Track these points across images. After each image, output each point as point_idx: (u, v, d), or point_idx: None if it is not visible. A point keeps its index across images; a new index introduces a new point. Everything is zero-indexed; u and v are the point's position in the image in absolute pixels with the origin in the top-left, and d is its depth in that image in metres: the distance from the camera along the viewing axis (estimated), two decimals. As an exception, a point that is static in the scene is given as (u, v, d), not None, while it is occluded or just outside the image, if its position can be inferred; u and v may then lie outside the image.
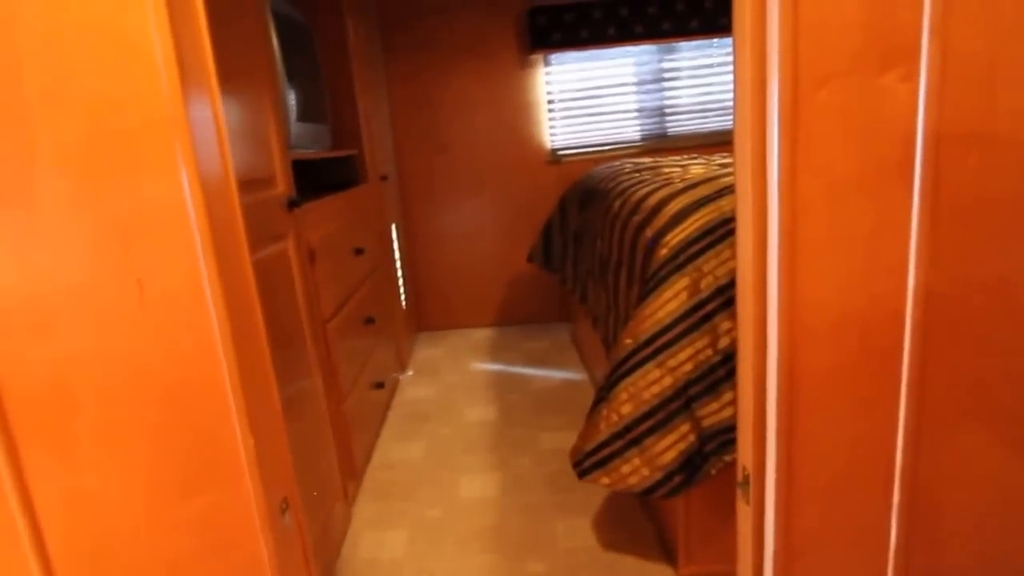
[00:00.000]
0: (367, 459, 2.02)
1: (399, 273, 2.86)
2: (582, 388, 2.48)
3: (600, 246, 1.96)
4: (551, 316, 3.36)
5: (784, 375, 0.77)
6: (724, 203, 1.30)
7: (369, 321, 2.11)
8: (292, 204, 1.41)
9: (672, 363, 1.21)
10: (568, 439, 2.08)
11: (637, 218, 1.56)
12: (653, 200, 1.53)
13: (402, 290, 2.90)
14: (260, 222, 1.26)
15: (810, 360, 0.77)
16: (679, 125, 3.20)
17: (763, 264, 0.76)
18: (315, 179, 2.37)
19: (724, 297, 1.20)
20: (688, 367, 1.21)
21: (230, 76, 1.16)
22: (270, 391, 0.86)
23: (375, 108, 2.65)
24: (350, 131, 2.38)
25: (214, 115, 0.73)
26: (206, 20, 0.71)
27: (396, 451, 2.10)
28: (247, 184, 1.21)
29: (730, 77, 1.28)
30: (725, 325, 1.19)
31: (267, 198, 1.30)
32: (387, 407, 2.39)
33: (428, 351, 3.07)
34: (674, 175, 1.77)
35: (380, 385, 2.18)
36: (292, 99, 1.69)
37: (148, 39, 0.64)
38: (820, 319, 0.76)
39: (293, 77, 1.78)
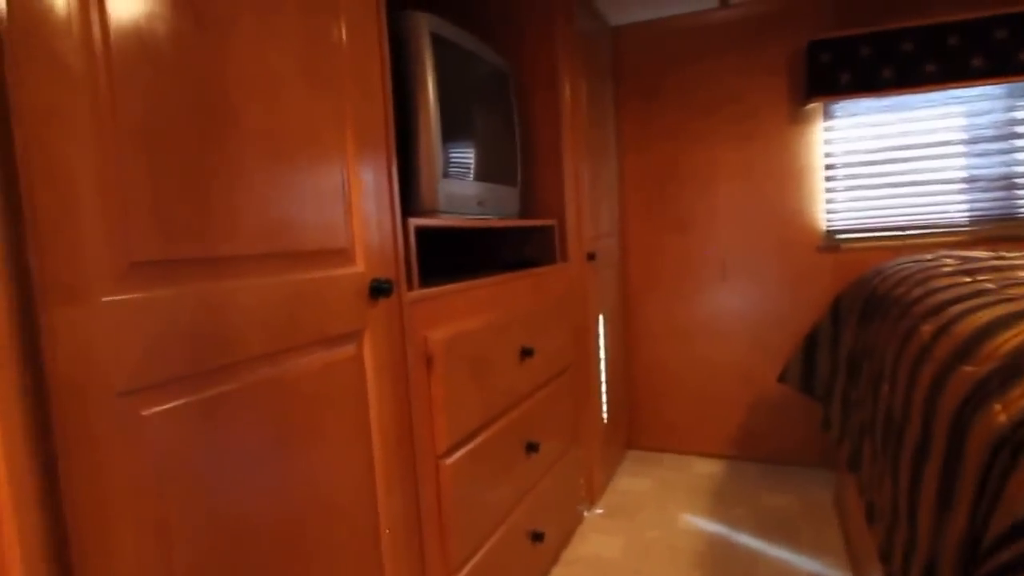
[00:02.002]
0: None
1: (603, 378, 2.26)
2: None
3: (887, 395, 1.12)
4: (807, 458, 2.38)
5: None
6: None
7: (531, 448, 1.55)
8: (379, 290, 0.95)
9: None
10: None
11: (968, 368, 0.76)
12: (1005, 339, 0.72)
13: (604, 400, 2.28)
14: (305, 313, 0.82)
15: None
16: (1049, 201, 2.07)
17: None
18: (491, 253, 1.95)
19: None
20: None
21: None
22: None
23: (595, 174, 2.18)
24: (550, 198, 1.93)
25: None
26: None
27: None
28: (275, 257, 0.78)
29: None
30: None
31: (324, 280, 0.86)
32: (550, 565, 1.76)
33: (631, 481, 2.36)
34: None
35: (538, 537, 1.58)
36: (437, 149, 1.29)
37: None
38: None
39: (457, 126, 1.39)
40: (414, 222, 1.14)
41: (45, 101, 0.54)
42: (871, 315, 1.50)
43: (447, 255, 1.97)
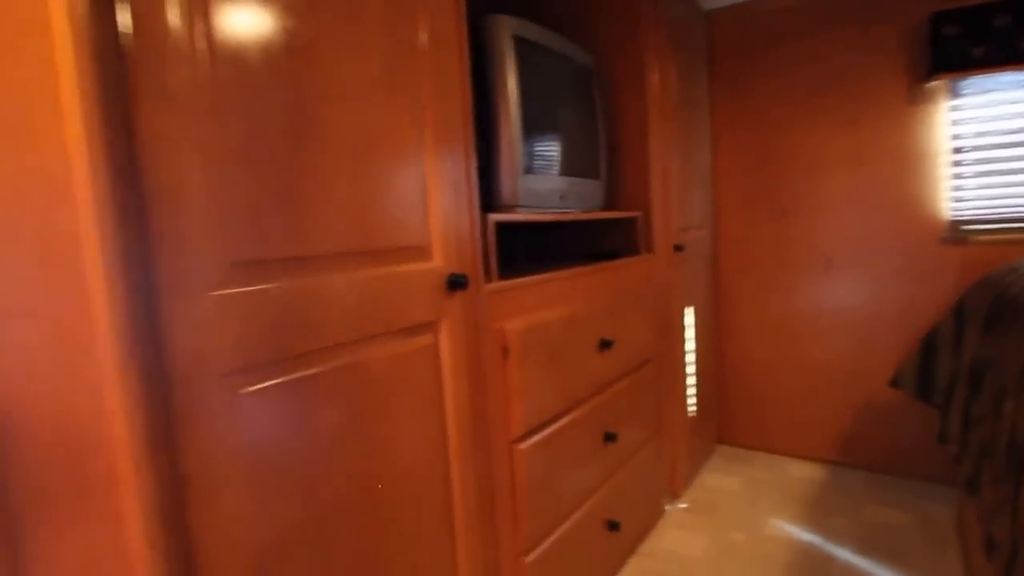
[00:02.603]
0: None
1: (690, 371, 2.22)
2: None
3: (1011, 413, 1.02)
4: (924, 471, 2.19)
5: None
6: None
7: (609, 438, 1.57)
8: (455, 284, 1.01)
9: None
10: None
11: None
12: None
13: (692, 393, 2.24)
14: (384, 305, 0.89)
15: None
16: None
17: None
18: (575, 245, 1.97)
19: None
20: None
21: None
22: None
23: (685, 164, 2.13)
24: (635, 190, 1.92)
25: None
26: None
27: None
28: (357, 255, 0.86)
29: None
30: None
31: (402, 274, 0.93)
32: (626, 556, 1.77)
33: (719, 478, 2.30)
34: None
35: (614, 526, 1.60)
36: (517, 146, 1.32)
37: None
38: None
39: (539, 123, 1.42)
40: (493, 218, 1.19)
41: (160, 126, 0.64)
42: (999, 319, 1.36)
43: (531, 247, 2.02)
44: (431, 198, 1.00)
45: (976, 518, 1.35)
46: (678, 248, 2.04)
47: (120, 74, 0.60)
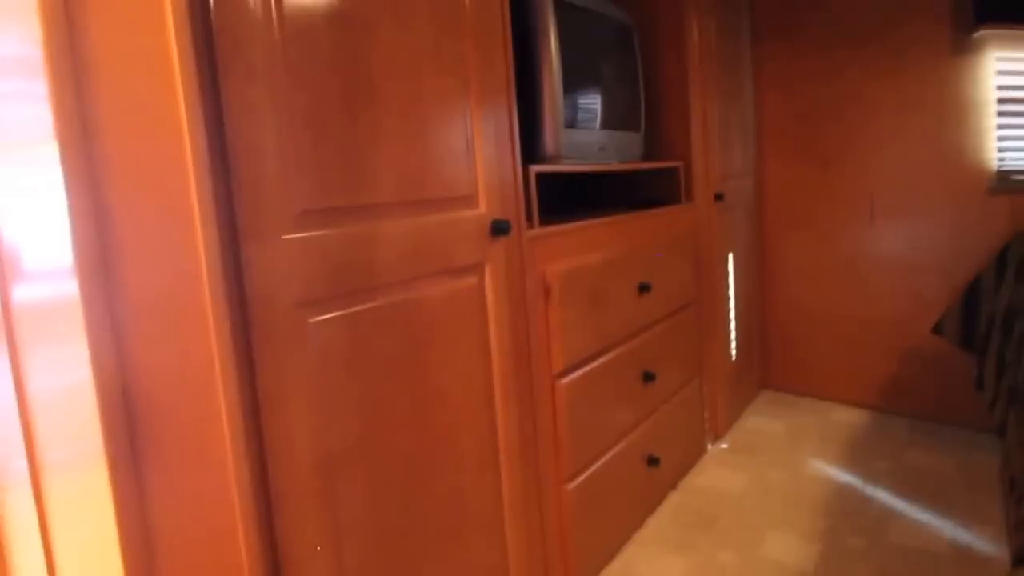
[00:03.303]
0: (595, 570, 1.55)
1: (731, 316, 2.27)
2: None
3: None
4: (966, 418, 2.18)
5: None
6: None
7: (649, 377, 1.66)
8: (499, 229, 1.11)
9: None
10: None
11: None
12: None
13: (733, 337, 2.29)
14: (434, 248, 1.00)
15: None
16: None
17: None
18: (620, 196, 2.02)
19: None
20: None
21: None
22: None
23: (726, 114, 2.13)
24: (676, 141, 1.94)
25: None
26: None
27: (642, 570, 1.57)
28: (410, 204, 0.96)
29: None
30: None
31: (450, 220, 1.03)
32: (666, 490, 1.88)
33: (761, 420, 2.36)
34: None
35: (654, 461, 1.71)
36: (559, 102, 1.38)
37: None
38: None
39: (580, 79, 1.48)
40: (534, 168, 1.27)
41: (240, 95, 0.74)
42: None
43: (576, 197, 2.08)
44: (477, 151, 1.09)
45: (1002, 460, 1.39)
46: (719, 197, 2.06)
47: (210, 53, 0.71)
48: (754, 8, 2.37)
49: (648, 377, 1.65)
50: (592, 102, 1.55)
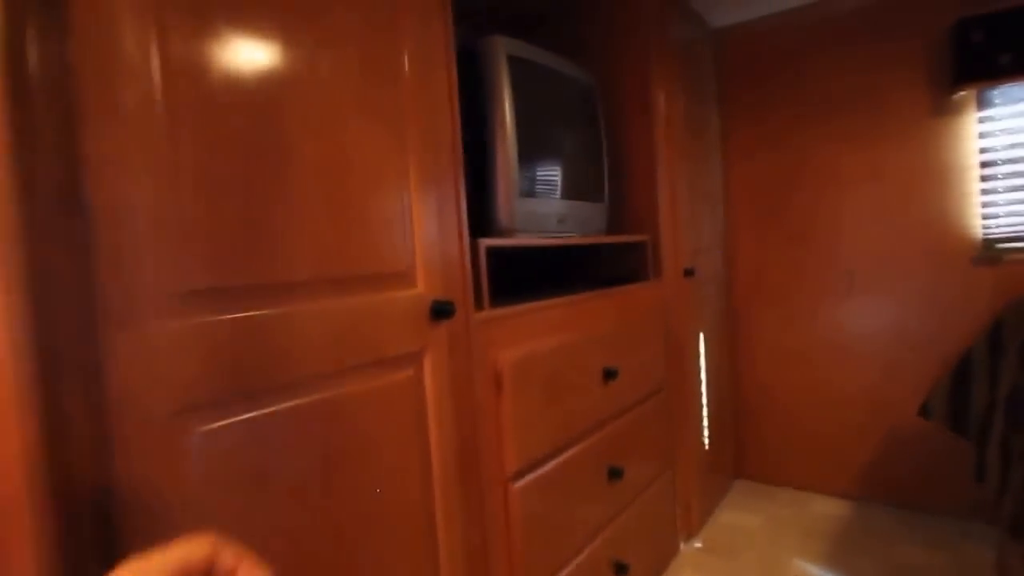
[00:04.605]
0: None
1: (703, 401, 2.12)
2: None
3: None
4: (956, 507, 2.05)
5: None
6: None
7: (615, 474, 1.48)
8: (440, 312, 0.95)
9: None
10: None
11: None
12: None
13: (705, 424, 2.14)
14: (360, 335, 0.84)
15: None
16: None
17: None
18: (583, 272, 1.90)
19: None
20: None
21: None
22: None
23: (695, 185, 2.06)
24: (643, 213, 1.85)
25: None
26: None
27: None
28: (330, 282, 0.81)
29: None
30: None
31: (381, 302, 0.88)
32: (641, 597, 1.66)
33: (737, 515, 2.18)
34: None
35: (622, 568, 1.50)
36: (513, 168, 1.27)
37: None
38: None
39: (537, 145, 1.38)
40: (484, 243, 1.14)
41: (107, 147, 0.59)
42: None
43: (534, 275, 1.96)
44: (415, 221, 0.95)
45: (998, 554, 1.23)
46: (688, 273, 1.97)
47: (64, 94, 0.56)
48: (721, 76, 2.37)
49: (615, 474, 1.48)
50: (551, 169, 1.45)
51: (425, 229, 0.96)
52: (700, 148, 2.14)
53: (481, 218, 1.25)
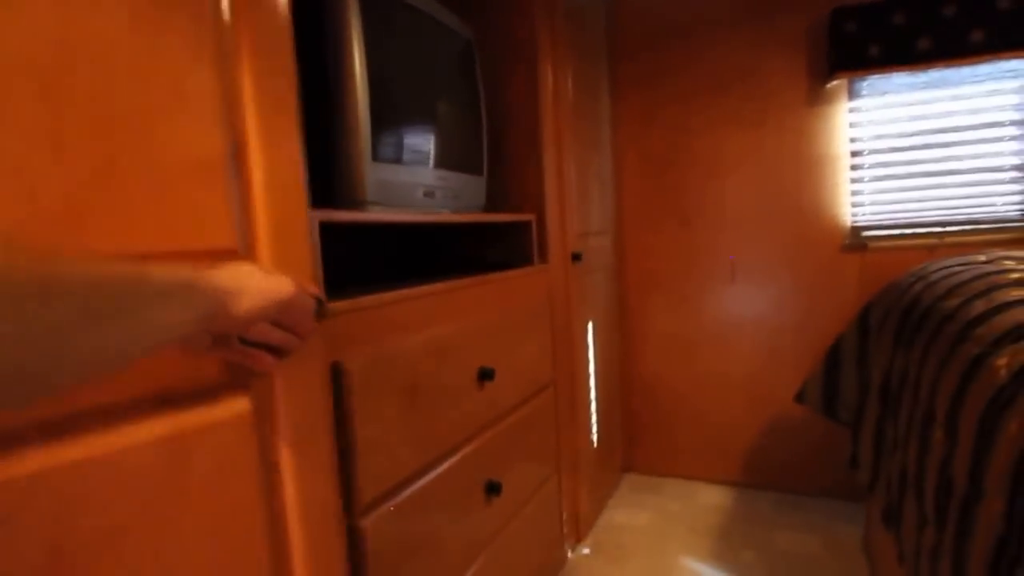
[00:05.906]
0: None
1: (592, 395, 1.99)
2: None
3: (942, 445, 0.85)
4: (830, 489, 2.09)
5: None
6: None
7: (492, 490, 1.29)
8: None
9: None
10: None
11: None
12: None
13: (594, 420, 2.01)
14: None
15: None
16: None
17: None
18: (462, 257, 1.69)
19: None
20: None
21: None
22: None
23: (584, 164, 1.91)
24: (528, 191, 1.67)
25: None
26: None
27: None
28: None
29: None
30: None
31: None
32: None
33: (626, 513, 2.08)
34: None
35: (504, 594, 1.31)
36: (364, 126, 1.02)
37: None
38: None
39: (397, 102, 1.13)
40: (317, 215, 0.87)
41: None
42: (913, 332, 1.22)
43: (400, 257, 1.72)
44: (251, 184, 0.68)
45: (896, 556, 1.19)
46: (576, 257, 1.81)
47: None
48: (613, 48, 2.23)
49: (492, 489, 1.28)
50: (415, 132, 1.21)
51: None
52: (590, 124, 1.99)
53: (321, 187, 0.99)
